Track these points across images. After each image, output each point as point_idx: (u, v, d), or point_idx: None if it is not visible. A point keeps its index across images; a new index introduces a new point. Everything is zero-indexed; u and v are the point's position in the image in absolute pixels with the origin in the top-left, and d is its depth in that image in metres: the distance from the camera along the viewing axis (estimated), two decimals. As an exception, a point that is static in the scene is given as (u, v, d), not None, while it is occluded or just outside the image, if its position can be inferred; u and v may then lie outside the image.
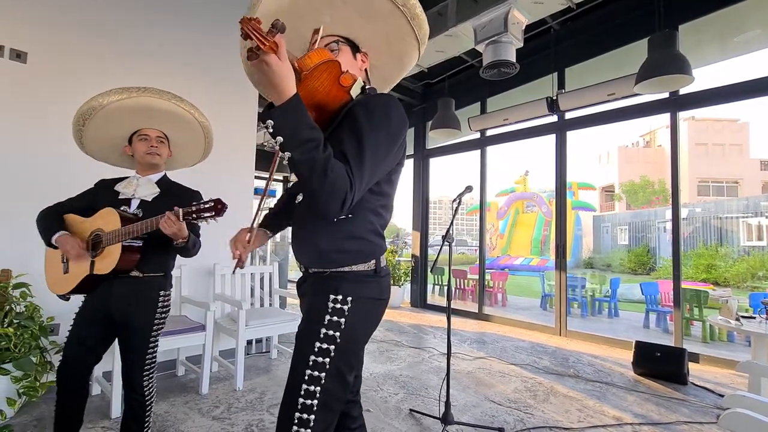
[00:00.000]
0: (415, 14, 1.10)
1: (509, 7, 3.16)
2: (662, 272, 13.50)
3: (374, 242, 1.08)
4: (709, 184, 21.67)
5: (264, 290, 3.53)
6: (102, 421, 2.22)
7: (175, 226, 1.42)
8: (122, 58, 2.92)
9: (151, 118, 1.66)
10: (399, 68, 1.31)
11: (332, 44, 1.13)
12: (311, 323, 1.03)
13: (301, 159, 0.86)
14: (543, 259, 15.25)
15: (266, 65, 0.82)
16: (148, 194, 1.67)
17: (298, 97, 0.87)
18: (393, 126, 1.01)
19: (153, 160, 1.69)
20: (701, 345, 4.92)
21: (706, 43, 4.04)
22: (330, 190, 0.88)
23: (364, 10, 1.09)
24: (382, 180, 1.07)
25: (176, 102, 1.63)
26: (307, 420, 0.95)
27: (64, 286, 1.62)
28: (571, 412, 2.52)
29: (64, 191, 1.74)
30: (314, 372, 0.97)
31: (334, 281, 1.04)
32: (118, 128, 1.68)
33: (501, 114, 4.82)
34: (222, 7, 3.44)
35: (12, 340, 2.10)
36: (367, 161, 0.94)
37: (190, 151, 1.88)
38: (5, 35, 2.48)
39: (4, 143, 2.46)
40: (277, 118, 0.84)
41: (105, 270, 1.52)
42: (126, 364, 1.62)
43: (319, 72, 0.95)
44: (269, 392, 2.69)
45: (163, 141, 1.73)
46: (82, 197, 1.72)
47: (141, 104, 1.59)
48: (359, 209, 1.04)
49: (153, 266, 1.64)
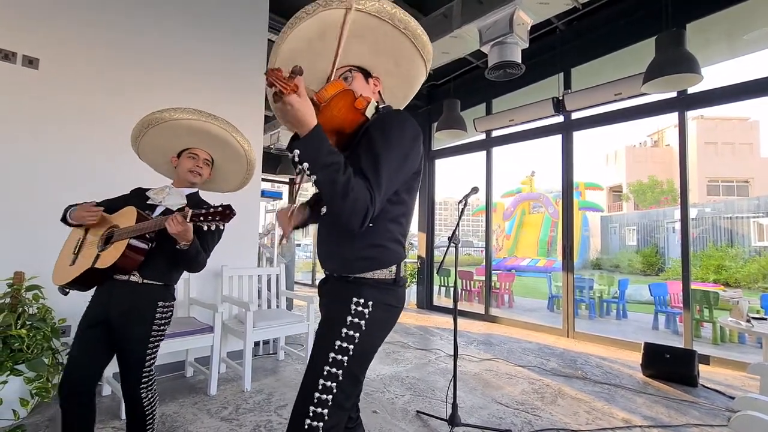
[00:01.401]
0: (417, 35, 1.19)
1: (514, 8, 3.16)
2: (671, 273, 13.33)
3: (394, 250, 1.15)
4: (718, 184, 21.38)
5: (271, 292, 3.55)
6: (112, 421, 2.25)
7: (180, 226, 1.42)
8: (132, 64, 2.96)
9: (207, 143, 1.76)
10: (409, 87, 1.41)
11: (346, 73, 1.24)
12: (333, 323, 1.09)
13: (324, 180, 0.95)
14: (550, 260, 15.16)
15: (290, 105, 0.91)
16: (174, 204, 1.70)
17: (320, 127, 0.96)
18: (406, 139, 1.09)
19: (194, 178, 1.77)
20: (711, 347, 4.86)
21: (715, 41, 4.00)
22: (352, 207, 0.97)
23: (370, 38, 1.19)
24: (400, 189, 1.13)
25: (234, 134, 1.73)
26: (321, 414, 1.00)
27: (64, 277, 1.60)
28: (579, 414, 2.50)
29: (76, 195, 1.77)
30: (332, 369, 1.04)
31: (357, 286, 1.11)
32: (177, 141, 1.77)
33: (507, 115, 4.81)
34: (230, 17, 3.48)
35: (25, 341, 2.13)
36: (384, 176, 1.02)
37: (229, 179, 1.96)
38: (18, 42, 2.53)
39: (16, 148, 2.50)
40: (302, 148, 0.94)
41: (105, 264, 1.49)
42: (124, 376, 1.59)
43: (336, 102, 1.05)
44: (277, 393, 2.71)
45: (208, 164, 1.82)
46: (116, 200, 1.74)
47: (204, 129, 1.69)
48: (380, 219, 1.11)
49: (154, 273, 1.61)
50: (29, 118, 2.56)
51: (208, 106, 1.89)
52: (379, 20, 1.12)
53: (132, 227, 1.51)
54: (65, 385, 1.49)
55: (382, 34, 1.17)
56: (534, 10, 3.26)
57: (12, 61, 2.50)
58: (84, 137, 2.70)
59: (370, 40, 1.19)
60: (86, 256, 1.59)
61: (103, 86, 2.83)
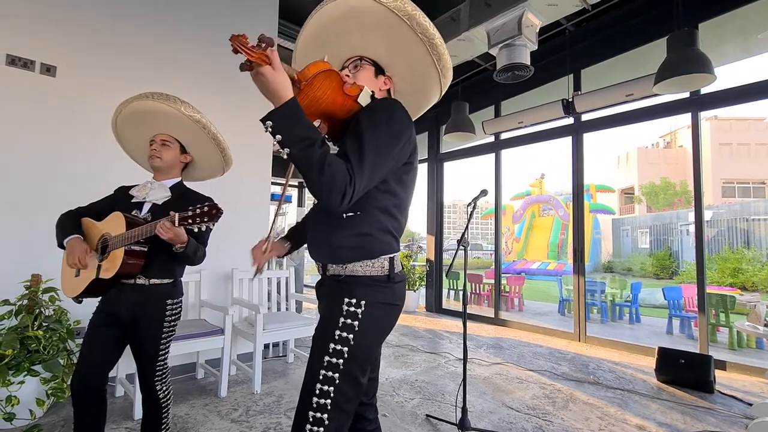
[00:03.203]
0: (434, 44, 1.14)
1: (523, 10, 3.15)
2: (686, 276, 13.08)
3: (381, 239, 1.11)
4: (734, 185, 20.92)
5: (281, 295, 3.58)
6: (125, 422, 2.28)
7: (170, 232, 1.42)
8: (147, 71, 3.02)
9: (157, 123, 1.69)
10: (423, 99, 1.37)
11: (356, 61, 1.23)
12: (326, 325, 1.08)
13: (299, 155, 0.92)
14: (560, 264, 14.98)
15: (262, 75, 0.90)
16: (159, 198, 1.68)
17: (295, 100, 0.94)
18: (394, 123, 1.07)
19: (153, 162, 1.70)
20: (728, 352, 4.75)
21: (728, 40, 3.93)
22: (330, 183, 0.93)
23: (388, 36, 1.16)
24: (391, 179, 1.11)
25: (171, 104, 1.61)
26: (321, 419, 0.99)
27: (74, 289, 1.64)
28: (591, 420, 2.47)
29: (91, 199, 1.81)
30: (328, 372, 1.02)
31: (348, 285, 1.08)
32: (138, 132, 1.76)
33: (515, 117, 4.78)
34: (241, 24, 3.54)
35: (42, 342, 2.18)
36: (366, 156, 0.99)
37: (208, 159, 1.85)
38: (36, 50, 2.60)
39: (34, 153, 2.57)
40: (275, 119, 0.91)
41: (108, 275, 1.52)
42: (139, 369, 1.65)
43: (319, 81, 1.01)
44: (286, 396, 2.72)
45: (168, 144, 1.72)
46: (102, 202, 1.76)
47: (136, 109, 1.66)
48: (368, 207, 1.09)
49: (159, 272, 1.63)
50: (47, 124, 2.63)
51: (219, 111, 1.92)
52: (399, 19, 1.09)
53: (123, 235, 1.50)
54: (77, 383, 1.53)
55: (400, 34, 1.14)
56: (543, 11, 3.25)
57: (30, 69, 2.57)
58: (100, 144, 2.75)
59: (386, 36, 1.16)
60: (88, 268, 1.62)
61: (119, 93, 2.87)
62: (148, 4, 3.07)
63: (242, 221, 3.36)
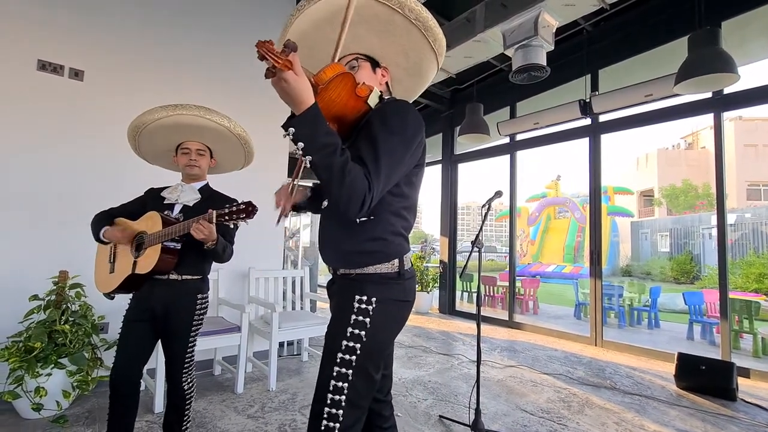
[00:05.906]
0: (429, 27, 1.15)
1: (539, 10, 3.13)
2: (707, 281, 12.69)
3: (395, 242, 1.11)
4: (759, 188, 20.24)
5: (295, 294, 3.63)
6: (146, 415, 2.35)
7: (205, 231, 1.51)
8: (172, 75, 3.11)
9: (190, 133, 1.79)
10: (420, 80, 1.37)
11: (353, 61, 1.21)
12: (338, 322, 1.09)
13: (320, 163, 0.92)
14: (576, 267, 14.72)
15: (284, 82, 0.89)
16: (189, 200, 1.80)
17: (316, 106, 0.93)
18: (408, 128, 1.06)
19: (192, 171, 1.83)
20: (752, 359, 4.60)
21: (752, 39, 3.83)
22: (349, 192, 0.93)
23: (378, 26, 1.16)
24: (401, 181, 1.11)
25: (207, 116, 1.72)
26: (336, 415, 1.00)
27: (109, 285, 1.74)
28: (608, 425, 2.43)
29: (118, 199, 1.89)
30: (342, 369, 1.03)
31: (359, 283, 1.09)
32: (164, 142, 1.84)
33: (531, 118, 4.74)
34: (264, 27, 3.62)
35: (68, 336, 2.27)
36: (383, 163, 0.99)
37: (231, 159, 2.01)
38: (65, 55, 2.71)
39: (64, 155, 2.68)
40: (297, 126, 0.91)
41: (145, 270, 1.61)
42: (167, 362, 1.73)
43: (335, 84, 1.02)
44: (301, 393, 2.76)
45: (203, 153, 1.85)
46: (132, 203, 1.87)
47: (176, 122, 1.73)
48: (380, 211, 1.09)
49: (190, 269, 1.73)
50: (75, 127, 2.73)
51: (240, 115, 1.97)
52: (390, 9, 1.09)
53: (161, 232, 1.60)
54: (115, 374, 1.62)
55: (392, 23, 1.13)
56: (559, 12, 3.22)
57: (60, 74, 2.68)
58: (126, 146, 2.85)
59: (378, 28, 1.16)
60: (123, 264, 1.72)
61: (144, 95, 2.98)
62: (172, 7, 3.16)
63: (260, 220, 3.41)
